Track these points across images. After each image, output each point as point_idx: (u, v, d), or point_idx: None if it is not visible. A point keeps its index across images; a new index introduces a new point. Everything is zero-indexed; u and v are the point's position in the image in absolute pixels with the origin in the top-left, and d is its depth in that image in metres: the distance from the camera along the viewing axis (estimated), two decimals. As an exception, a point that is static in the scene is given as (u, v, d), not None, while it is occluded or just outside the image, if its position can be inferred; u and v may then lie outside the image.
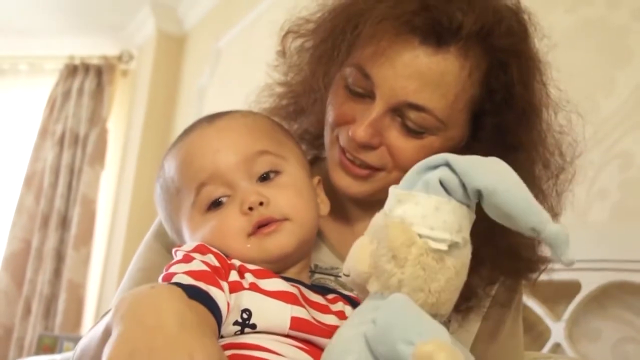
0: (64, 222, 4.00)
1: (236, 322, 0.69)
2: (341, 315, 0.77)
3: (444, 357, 0.52)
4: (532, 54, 0.87)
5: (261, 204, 0.77)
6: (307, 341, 0.71)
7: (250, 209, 0.76)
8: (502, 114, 0.86)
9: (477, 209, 0.66)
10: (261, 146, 0.81)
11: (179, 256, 0.74)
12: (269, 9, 3.00)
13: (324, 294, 0.80)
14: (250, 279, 0.73)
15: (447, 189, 0.63)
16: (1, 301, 3.89)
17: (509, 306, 0.97)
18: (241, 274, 0.73)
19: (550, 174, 0.91)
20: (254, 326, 0.69)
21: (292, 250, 0.78)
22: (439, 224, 0.62)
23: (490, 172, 0.62)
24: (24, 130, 4.33)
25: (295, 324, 0.70)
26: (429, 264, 0.62)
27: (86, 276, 3.92)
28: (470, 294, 0.89)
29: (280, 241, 0.77)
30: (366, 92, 0.85)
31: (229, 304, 0.68)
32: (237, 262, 0.75)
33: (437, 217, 0.62)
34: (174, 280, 0.67)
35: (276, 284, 0.73)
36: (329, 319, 0.75)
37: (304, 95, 0.95)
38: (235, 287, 0.71)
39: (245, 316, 0.69)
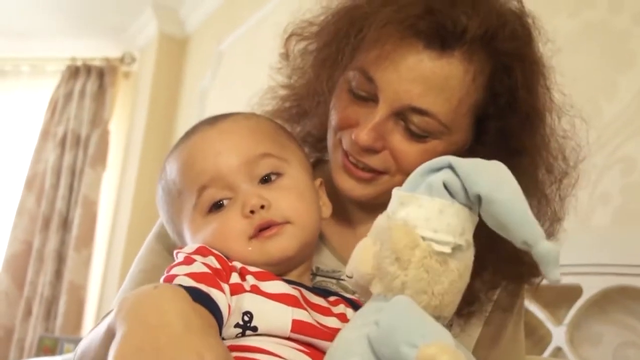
0: (65, 224, 3.99)
1: (237, 325, 0.69)
2: (343, 317, 0.77)
3: (448, 359, 0.52)
4: (536, 58, 0.87)
5: (262, 207, 0.76)
6: (308, 344, 0.71)
7: (251, 212, 0.76)
8: (505, 118, 0.85)
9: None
10: (263, 149, 0.81)
11: (180, 258, 0.73)
12: (273, 12, 3.00)
13: (325, 297, 0.79)
14: (251, 281, 0.72)
15: (450, 192, 0.63)
16: (2, 302, 3.89)
17: (510, 311, 0.96)
18: (242, 276, 0.73)
19: (553, 178, 0.90)
20: (255, 329, 0.69)
21: (293, 253, 0.78)
22: (442, 227, 0.62)
23: (490, 179, 0.61)
24: (25, 131, 4.32)
25: (296, 326, 0.70)
26: (432, 267, 0.62)
27: (87, 278, 3.91)
28: (472, 299, 0.89)
29: (281, 244, 0.76)
30: (370, 96, 0.85)
31: (230, 306, 0.68)
32: (238, 264, 0.75)
33: (440, 219, 0.62)
34: (175, 282, 0.67)
35: (277, 287, 0.73)
36: (331, 321, 0.74)
37: (307, 98, 0.94)
38: (236, 290, 0.70)
39: (246, 319, 0.69)
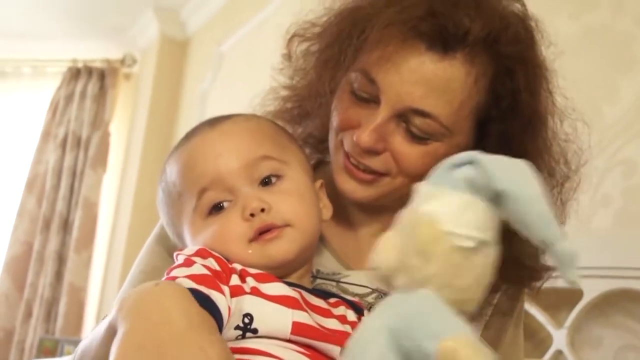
0: (66, 225, 3.99)
1: (237, 327, 0.68)
2: (343, 319, 0.77)
3: (469, 353, 0.51)
4: (539, 61, 0.87)
5: (263, 211, 0.76)
6: (308, 346, 0.71)
7: (251, 215, 0.76)
8: (507, 121, 0.85)
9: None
10: (264, 151, 0.80)
11: (180, 260, 0.73)
12: (274, 13, 3.00)
13: (325, 298, 0.79)
14: (251, 283, 0.72)
15: (474, 187, 0.63)
16: (2, 304, 3.88)
17: (510, 315, 0.96)
18: (242, 278, 0.73)
19: (555, 182, 0.90)
20: (255, 331, 0.69)
21: (293, 256, 0.77)
22: (466, 222, 0.61)
23: (514, 176, 0.61)
24: (26, 133, 4.32)
25: (296, 328, 0.70)
26: (455, 261, 0.61)
27: (87, 279, 3.91)
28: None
29: (281, 247, 0.76)
30: (371, 97, 0.84)
31: (230, 308, 0.68)
32: (238, 266, 0.74)
33: (464, 214, 0.62)
34: (176, 284, 0.67)
35: (278, 288, 0.73)
36: (331, 323, 0.74)
37: (309, 99, 0.94)
38: (236, 291, 0.70)
39: (246, 321, 0.69)
